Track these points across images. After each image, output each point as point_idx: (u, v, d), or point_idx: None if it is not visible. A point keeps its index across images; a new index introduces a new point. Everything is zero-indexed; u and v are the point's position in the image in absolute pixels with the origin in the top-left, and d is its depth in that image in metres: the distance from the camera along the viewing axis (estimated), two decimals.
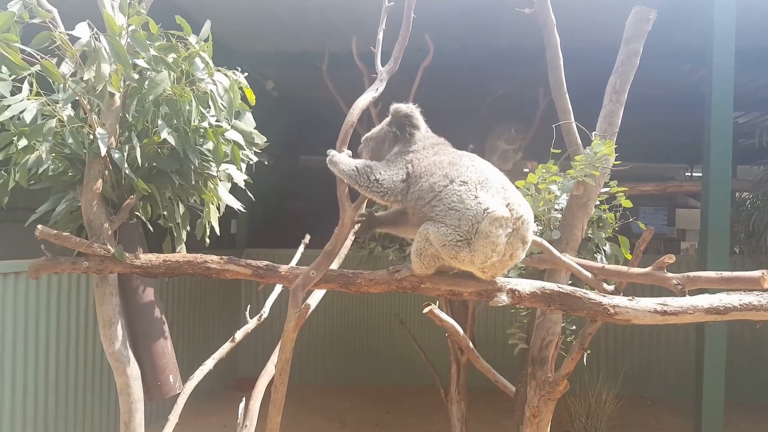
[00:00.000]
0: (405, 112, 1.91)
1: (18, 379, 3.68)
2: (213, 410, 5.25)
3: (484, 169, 1.79)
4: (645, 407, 5.82)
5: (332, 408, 5.57)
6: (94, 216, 1.92)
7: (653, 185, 4.82)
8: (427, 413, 5.55)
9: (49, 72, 1.67)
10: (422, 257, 1.72)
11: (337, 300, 6.35)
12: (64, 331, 4.07)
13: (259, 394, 2.26)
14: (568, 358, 2.59)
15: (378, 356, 6.43)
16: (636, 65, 2.46)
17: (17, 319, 3.66)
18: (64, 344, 4.09)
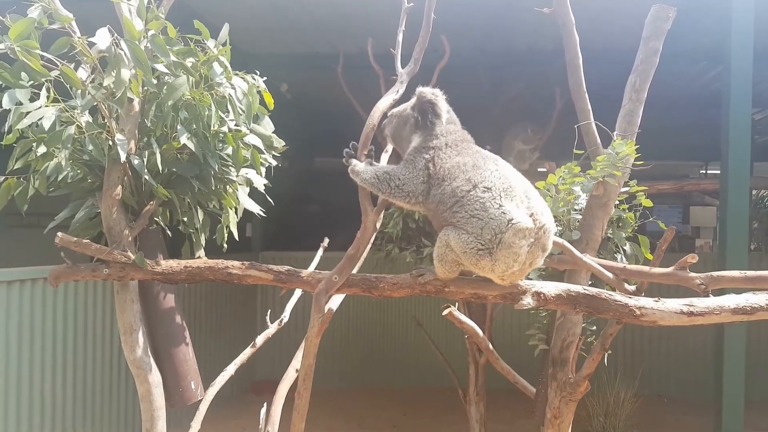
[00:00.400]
0: (428, 99, 1.86)
1: (37, 387, 3.71)
2: (231, 414, 5.25)
3: (508, 175, 1.76)
4: (663, 406, 5.76)
5: (349, 410, 5.57)
6: (114, 222, 1.92)
7: (670, 183, 4.76)
8: (443, 414, 5.53)
9: (68, 78, 1.67)
10: (443, 262, 1.71)
11: (354, 302, 6.34)
12: (83, 338, 4.09)
13: (281, 399, 2.25)
14: (589, 359, 2.57)
15: (394, 358, 6.42)
16: (655, 64, 2.43)
17: (36, 325, 3.69)
18: (83, 351, 4.12)
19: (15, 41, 1.52)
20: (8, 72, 1.56)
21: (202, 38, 1.93)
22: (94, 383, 4.24)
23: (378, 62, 4.02)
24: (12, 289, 3.51)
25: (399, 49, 1.99)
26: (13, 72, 1.57)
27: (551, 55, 4.01)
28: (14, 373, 3.53)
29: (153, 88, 1.80)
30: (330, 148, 7.89)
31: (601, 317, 1.72)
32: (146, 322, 2.02)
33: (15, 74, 1.57)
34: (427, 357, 5.62)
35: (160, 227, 2.10)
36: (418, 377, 6.30)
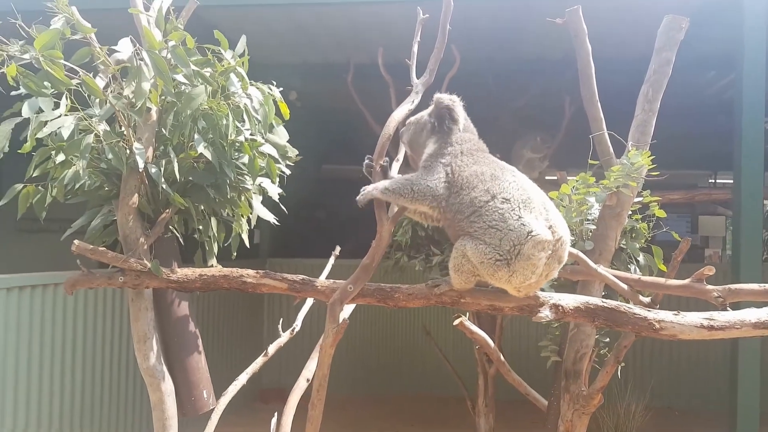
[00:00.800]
0: (446, 104, 1.87)
1: (47, 393, 3.71)
2: (239, 422, 5.23)
3: (527, 186, 1.77)
4: (675, 418, 5.70)
5: (357, 418, 5.54)
6: (130, 230, 1.93)
7: (682, 193, 4.75)
8: (452, 425, 5.49)
9: (90, 88, 1.69)
10: (459, 272, 1.70)
11: (362, 310, 6.33)
12: (95, 344, 4.10)
13: (291, 409, 2.25)
14: (602, 371, 2.55)
15: (402, 366, 6.39)
16: (668, 74, 2.43)
17: (46, 330, 3.70)
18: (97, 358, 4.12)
19: (40, 51, 1.54)
20: (33, 81, 1.58)
21: (219, 49, 1.95)
22: (107, 391, 4.25)
23: (388, 72, 4.04)
24: (23, 295, 3.53)
25: (414, 60, 1.99)
26: (38, 81, 1.59)
27: (561, 64, 4.02)
28: (26, 378, 3.54)
29: (172, 97, 1.81)
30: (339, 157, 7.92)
31: (620, 330, 1.70)
32: (160, 330, 2.02)
33: (39, 83, 1.59)
34: (436, 366, 5.60)
35: (174, 235, 2.11)
36: (426, 387, 6.27)
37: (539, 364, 5.16)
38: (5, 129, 1.76)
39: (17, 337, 3.47)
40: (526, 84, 4.52)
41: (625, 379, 5.22)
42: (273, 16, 3.90)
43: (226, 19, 3.71)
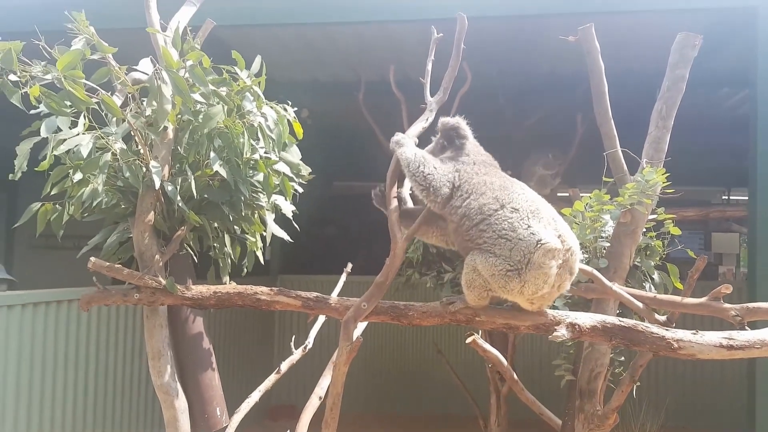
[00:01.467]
0: (452, 125, 1.91)
1: (60, 408, 3.72)
2: None
3: (535, 198, 1.78)
4: None
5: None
6: (146, 248, 1.94)
7: (695, 210, 4.71)
8: None
9: (109, 107, 1.71)
10: (472, 288, 1.70)
11: (373, 327, 6.31)
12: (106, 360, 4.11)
13: (304, 427, 2.23)
14: (618, 391, 2.51)
15: (412, 384, 6.34)
16: (682, 91, 2.43)
17: (60, 346, 3.71)
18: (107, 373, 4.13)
19: (62, 71, 1.57)
20: (55, 100, 1.61)
21: (234, 68, 1.98)
22: (121, 408, 4.24)
23: (399, 89, 4.06)
24: (38, 311, 3.55)
25: (428, 78, 2.01)
26: (59, 100, 1.61)
27: (573, 80, 4.03)
28: (39, 393, 3.55)
29: (190, 116, 1.83)
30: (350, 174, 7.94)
31: (638, 350, 1.68)
32: (174, 346, 2.02)
33: (60, 102, 1.62)
34: (447, 385, 5.54)
35: (189, 252, 2.12)
36: (437, 405, 6.20)
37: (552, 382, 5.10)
38: (24, 148, 1.79)
39: (31, 353, 3.48)
40: (538, 101, 4.53)
41: (640, 398, 5.15)
42: (284, 35, 3.95)
43: (239, 38, 3.77)
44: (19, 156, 1.75)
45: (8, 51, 1.54)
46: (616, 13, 3.31)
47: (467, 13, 2.00)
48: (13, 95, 1.59)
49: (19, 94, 1.60)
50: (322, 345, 2.56)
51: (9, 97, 1.60)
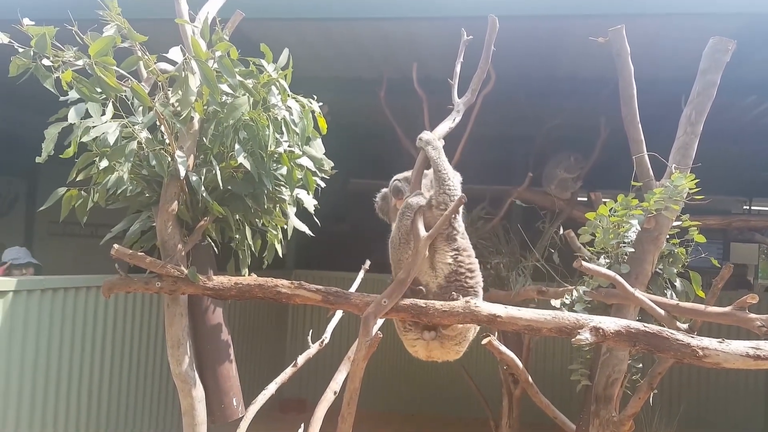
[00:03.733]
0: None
1: (75, 392, 3.76)
2: (256, 430, 5.23)
3: None
4: None
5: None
6: (169, 237, 1.95)
7: (718, 219, 4.64)
8: None
9: (138, 95, 1.72)
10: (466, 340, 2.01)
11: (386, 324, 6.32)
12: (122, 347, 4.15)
13: (318, 420, 2.23)
14: (635, 398, 2.48)
15: (422, 384, 6.32)
16: (712, 97, 2.39)
17: (77, 331, 3.76)
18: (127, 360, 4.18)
19: (94, 57, 1.58)
20: (86, 86, 1.62)
21: (260, 61, 1.98)
22: (140, 395, 4.30)
23: (422, 87, 4.04)
24: (57, 296, 3.59)
25: (456, 80, 1.99)
26: (90, 86, 1.62)
27: (598, 82, 3.98)
28: (56, 377, 3.59)
29: (217, 107, 1.84)
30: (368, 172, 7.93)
31: (661, 356, 1.65)
32: (193, 336, 2.03)
33: (91, 88, 1.63)
34: (457, 385, 5.52)
35: (210, 243, 2.13)
36: (448, 407, 6.19)
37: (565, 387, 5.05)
38: (52, 132, 1.80)
39: (49, 337, 3.53)
40: (561, 103, 4.48)
41: (653, 405, 5.09)
42: (307, 30, 3.94)
43: (261, 31, 3.76)
44: (46, 140, 1.76)
45: (42, 36, 1.56)
46: (645, 16, 3.26)
47: (492, 11, 1.98)
48: (46, 80, 1.60)
49: (52, 78, 1.61)
50: (333, 340, 2.56)
51: (42, 81, 1.61)
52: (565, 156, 4.58)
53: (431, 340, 1.94)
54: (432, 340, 1.93)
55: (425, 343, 1.94)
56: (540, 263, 3.51)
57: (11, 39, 1.62)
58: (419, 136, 1.91)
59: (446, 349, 1.95)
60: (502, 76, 3.79)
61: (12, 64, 1.61)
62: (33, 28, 1.60)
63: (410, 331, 1.96)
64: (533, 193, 4.72)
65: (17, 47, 1.61)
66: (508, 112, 4.87)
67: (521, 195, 4.49)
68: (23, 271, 4.06)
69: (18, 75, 1.63)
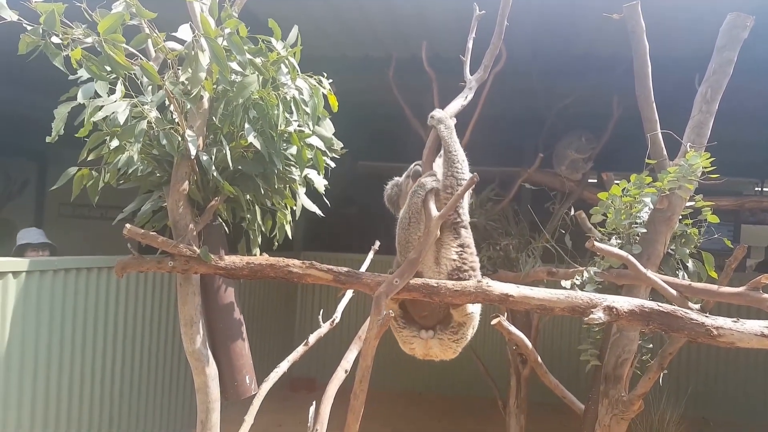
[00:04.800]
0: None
1: (87, 371, 3.81)
2: (268, 409, 5.26)
3: None
4: (709, 430, 5.55)
5: (384, 413, 5.54)
6: (180, 216, 1.95)
7: (730, 200, 4.58)
8: (480, 424, 5.45)
9: (147, 73, 1.71)
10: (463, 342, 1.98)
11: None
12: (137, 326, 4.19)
13: (330, 399, 2.25)
14: (645, 377, 2.49)
15: (430, 364, 6.34)
16: (729, 74, 2.35)
17: (90, 312, 3.80)
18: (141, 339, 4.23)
19: (103, 35, 1.57)
20: (95, 64, 1.61)
21: (269, 38, 1.95)
22: (154, 373, 4.36)
23: (431, 66, 3.99)
24: (69, 277, 3.62)
25: (468, 56, 1.96)
26: (99, 64, 1.61)
27: (610, 61, 3.91)
28: (69, 356, 3.64)
29: (227, 85, 1.83)
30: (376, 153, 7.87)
31: (675, 335, 1.65)
32: (206, 315, 2.04)
33: (101, 66, 1.62)
34: (465, 365, 5.55)
35: (221, 223, 2.13)
36: (454, 385, 6.23)
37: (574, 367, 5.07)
38: (62, 111, 1.79)
39: (62, 317, 3.57)
40: (573, 82, 4.42)
41: (661, 387, 5.10)
42: (315, 8, 3.89)
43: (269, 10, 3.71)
44: (56, 119, 1.76)
45: (51, 13, 1.54)
46: None
47: None
48: (56, 57, 1.59)
49: (61, 56, 1.60)
50: (341, 321, 2.57)
51: (52, 59, 1.60)
52: (576, 136, 4.52)
53: (429, 339, 1.92)
54: (430, 339, 1.92)
55: (423, 342, 1.93)
56: (550, 244, 3.49)
57: (20, 17, 1.60)
58: (431, 114, 1.89)
59: (445, 347, 1.93)
60: (513, 54, 3.74)
61: (21, 41, 1.60)
62: (42, 4, 1.59)
63: (405, 328, 1.94)
64: (543, 174, 4.68)
65: (26, 25, 1.60)
66: (519, 91, 4.80)
67: (531, 176, 4.45)
68: (39, 252, 4.08)
69: (27, 53, 1.62)
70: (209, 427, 2.01)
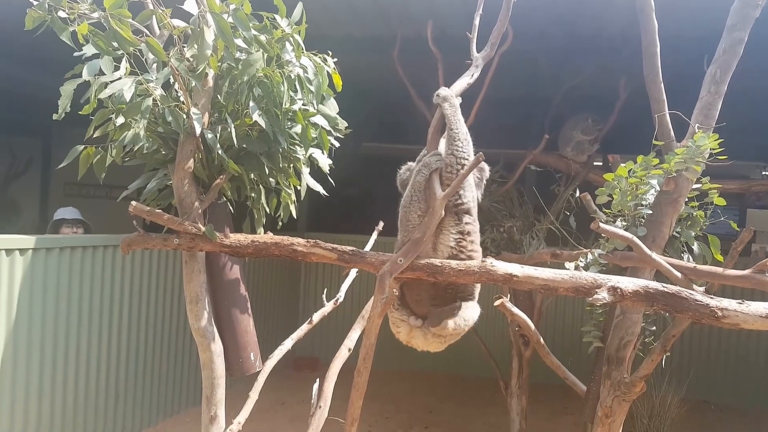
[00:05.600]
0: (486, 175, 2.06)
1: (95, 346, 3.86)
2: (271, 387, 5.34)
3: None
4: (711, 413, 5.59)
5: (387, 392, 5.61)
6: (186, 194, 1.95)
7: (737, 183, 4.56)
8: (481, 405, 5.51)
9: (153, 49, 1.70)
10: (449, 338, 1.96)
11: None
12: (144, 303, 4.23)
13: (333, 376, 2.27)
14: (647, 359, 2.50)
15: None
16: (739, 55, 2.31)
17: (104, 288, 3.83)
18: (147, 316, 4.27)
19: (109, 9, 1.55)
20: (101, 39, 1.60)
21: (274, 16, 1.94)
22: (160, 349, 4.42)
23: (437, 46, 3.96)
24: (75, 254, 3.65)
25: (475, 33, 1.94)
26: (106, 40, 1.60)
27: (618, 42, 3.86)
28: (76, 333, 3.68)
29: (232, 62, 1.81)
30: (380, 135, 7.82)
31: (679, 316, 1.65)
32: (211, 293, 2.06)
33: (107, 42, 1.61)
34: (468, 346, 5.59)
35: (227, 202, 2.14)
36: (456, 365, 6.28)
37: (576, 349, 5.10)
38: (68, 89, 1.79)
39: (69, 293, 3.60)
40: (581, 62, 4.37)
41: (663, 370, 5.13)
42: None
43: None
44: (63, 96, 1.76)
45: None
46: None
47: None
48: (63, 32, 1.58)
49: (68, 31, 1.59)
50: (345, 300, 2.58)
51: (59, 33, 1.59)
52: (583, 118, 4.49)
53: (415, 328, 1.90)
54: (416, 328, 1.89)
55: (409, 328, 1.91)
56: (554, 226, 3.49)
57: None
58: (436, 92, 1.86)
59: (428, 341, 1.92)
60: (520, 34, 3.70)
61: (27, 16, 1.59)
62: None
63: (397, 310, 1.93)
64: (549, 155, 4.66)
65: (32, 0, 1.59)
66: (525, 71, 4.75)
67: (536, 158, 4.43)
68: (73, 228, 4.11)
69: (34, 28, 1.61)
70: (214, 403, 2.03)
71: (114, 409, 3.99)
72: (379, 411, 5.16)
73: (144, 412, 4.30)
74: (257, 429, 4.54)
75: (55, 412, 3.53)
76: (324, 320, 2.51)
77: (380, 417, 5.08)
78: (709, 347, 6.03)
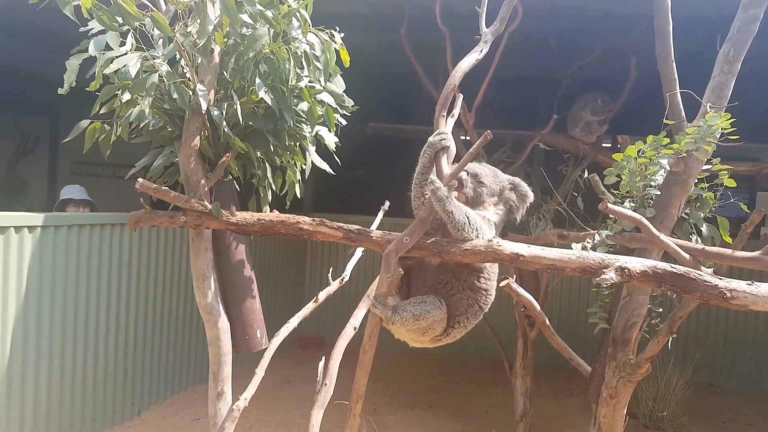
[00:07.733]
0: (529, 201, 2.04)
1: (104, 323, 3.90)
2: (276, 365, 5.37)
3: None
4: (716, 396, 5.61)
5: (391, 371, 5.65)
6: (192, 172, 1.95)
7: (748, 165, 4.51)
8: (486, 385, 5.54)
9: (158, 24, 1.68)
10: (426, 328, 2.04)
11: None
12: (153, 281, 4.26)
13: (338, 355, 2.29)
14: (653, 341, 2.49)
15: None
16: (754, 33, 2.27)
17: (112, 266, 3.86)
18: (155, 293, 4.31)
19: None
20: (106, 14, 1.58)
21: None
22: (167, 326, 4.46)
23: (444, 24, 3.90)
24: (83, 232, 3.67)
25: (484, 8, 1.91)
26: (110, 14, 1.59)
27: (629, 21, 3.80)
28: (85, 310, 3.72)
29: (237, 38, 1.79)
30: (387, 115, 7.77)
31: (687, 297, 1.64)
32: (218, 270, 2.06)
33: (112, 17, 1.59)
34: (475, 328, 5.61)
35: (233, 179, 2.13)
36: (461, 345, 6.28)
37: (581, 330, 5.11)
38: (74, 63, 1.78)
39: (77, 271, 3.63)
40: (590, 42, 4.30)
41: (668, 352, 5.14)
42: None
43: None
44: (68, 71, 1.74)
45: None
46: None
47: None
48: (66, 6, 1.57)
49: (71, 5, 1.58)
50: (350, 279, 2.59)
51: (62, 8, 1.58)
52: (592, 98, 4.43)
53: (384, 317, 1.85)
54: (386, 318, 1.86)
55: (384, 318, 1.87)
56: (562, 207, 3.47)
57: None
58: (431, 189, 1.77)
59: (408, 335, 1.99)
60: (529, 12, 3.64)
61: None
62: None
63: (393, 296, 1.92)
64: (557, 136, 4.62)
65: None
66: (534, 51, 4.69)
67: (544, 138, 4.39)
68: (80, 208, 4.12)
69: (37, 2, 1.60)
70: (221, 380, 2.05)
71: (122, 385, 4.05)
72: (383, 390, 5.21)
73: (152, 389, 4.36)
74: (263, 406, 4.60)
75: (64, 389, 3.59)
76: (330, 299, 2.52)
77: (385, 396, 5.13)
78: (716, 330, 6.02)
